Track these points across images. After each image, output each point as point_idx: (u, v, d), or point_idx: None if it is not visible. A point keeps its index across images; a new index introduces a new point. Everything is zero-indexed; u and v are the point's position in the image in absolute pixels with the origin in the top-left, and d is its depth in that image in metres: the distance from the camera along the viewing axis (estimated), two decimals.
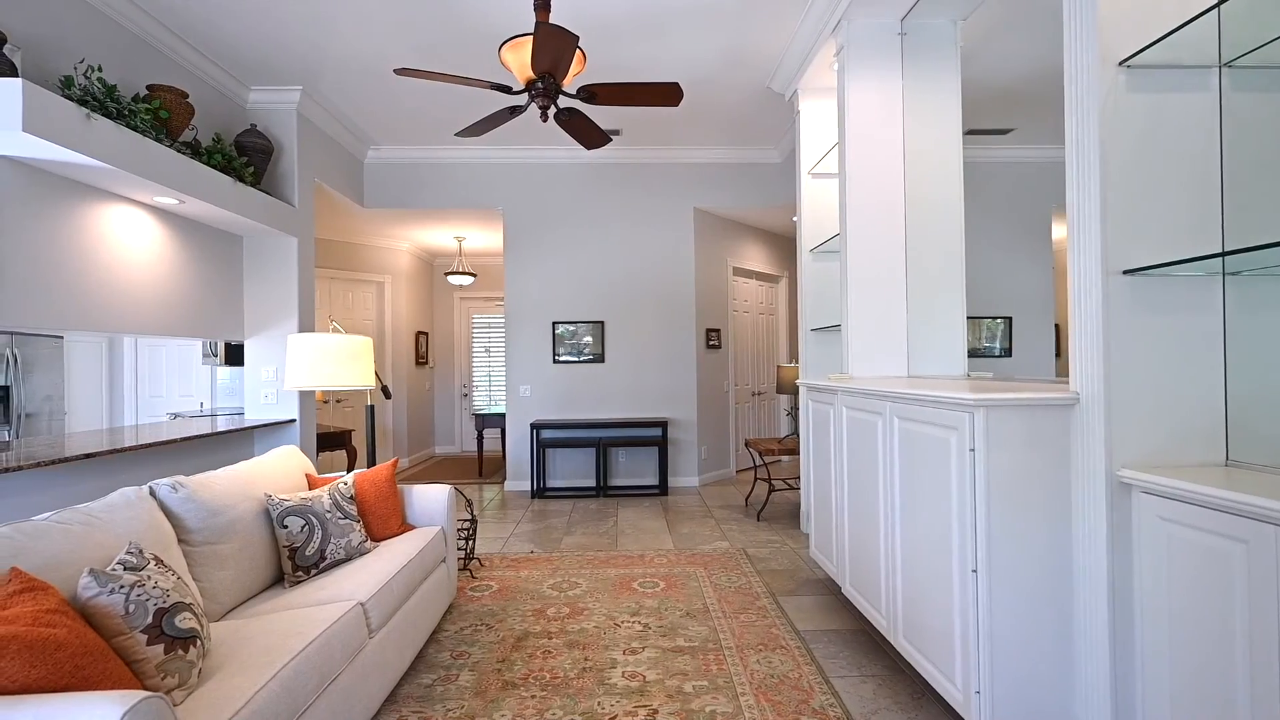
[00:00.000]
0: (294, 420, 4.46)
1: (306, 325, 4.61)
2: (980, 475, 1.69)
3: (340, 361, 2.60)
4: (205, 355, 5.19)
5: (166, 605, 1.46)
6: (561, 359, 5.73)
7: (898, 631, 2.17)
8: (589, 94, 2.51)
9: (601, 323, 5.75)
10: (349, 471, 3.20)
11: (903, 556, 2.13)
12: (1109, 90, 1.63)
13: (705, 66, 4.14)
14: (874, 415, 2.34)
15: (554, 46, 2.04)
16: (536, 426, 5.45)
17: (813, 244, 4.18)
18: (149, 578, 1.48)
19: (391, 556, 2.38)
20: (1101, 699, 1.61)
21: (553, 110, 2.58)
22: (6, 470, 2.38)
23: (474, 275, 7.07)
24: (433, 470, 7.02)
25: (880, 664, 2.35)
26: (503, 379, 8.46)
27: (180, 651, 1.44)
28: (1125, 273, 1.62)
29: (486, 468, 6.86)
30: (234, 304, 4.36)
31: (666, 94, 2.50)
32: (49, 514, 1.65)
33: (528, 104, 2.61)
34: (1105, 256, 1.63)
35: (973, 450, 1.71)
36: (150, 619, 1.41)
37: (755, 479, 5.07)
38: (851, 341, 3.33)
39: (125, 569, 1.49)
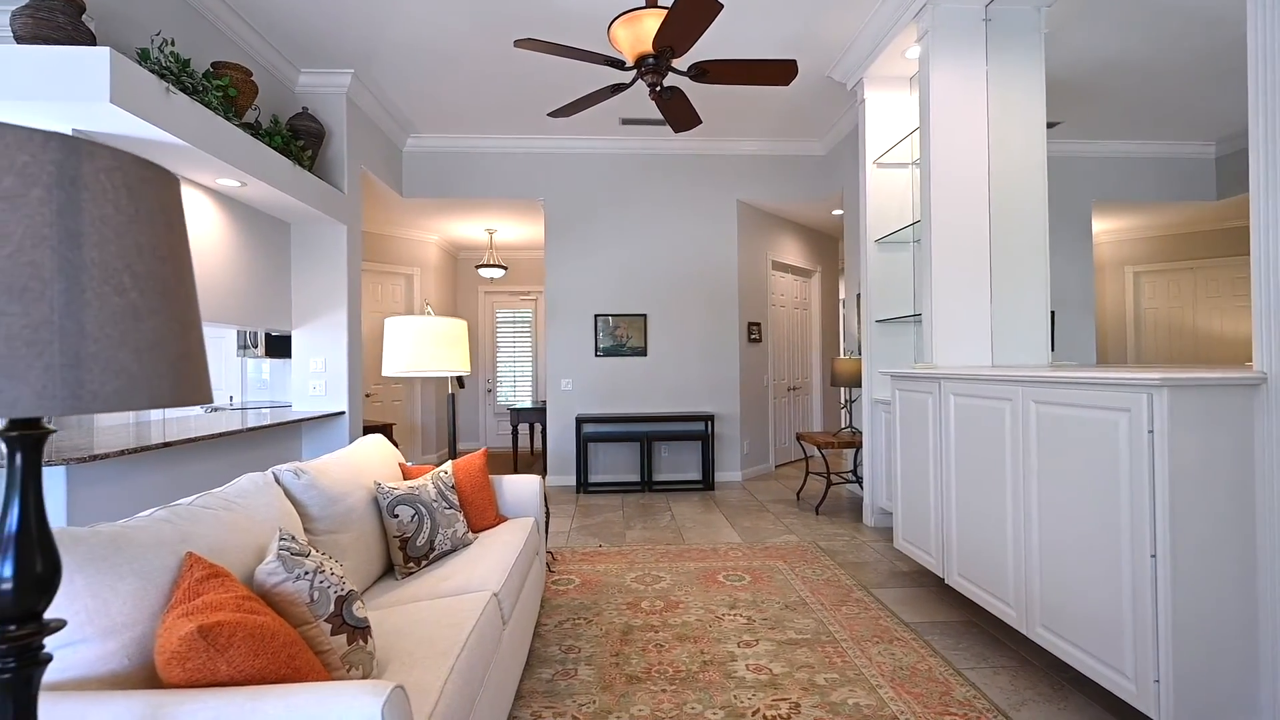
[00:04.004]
0: (343, 412, 4.35)
1: (355, 316, 4.49)
2: (1161, 457, 1.63)
3: (441, 345, 2.51)
4: (242, 346, 5.05)
5: (344, 593, 1.37)
6: (604, 352, 5.65)
7: (1033, 621, 2.12)
8: (699, 71, 2.43)
9: (644, 315, 5.67)
10: None
11: (1041, 544, 2.08)
12: None
13: (768, 53, 4.07)
14: (1000, 401, 2.29)
15: (693, 17, 1.96)
16: (581, 420, 5.36)
17: (878, 234, 4.13)
18: (322, 564, 1.39)
19: (500, 547, 2.30)
20: None
21: (658, 88, 2.50)
22: (95, 458, 2.27)
23: (505, 268, 6.96)
24: None
25: (1005, 655, 2.30)
26: (527, 374, 8.36)
27: (360, 642, 1.35)
28: None
29: (520, 463, 6.76)
30: (282, 293, 4.24)
31: (781, 72, 2.43)
32: (188, 499, 1.55)
33: (632, 81, 2.53)
34: None
35: (1151, 432, 1.65)
36: (332, 607, 1.33)
37: (807, 472, 5.01)
38: (935, 331, 3.28)
39: (293, 555, 1.40)
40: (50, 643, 1.05)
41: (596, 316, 5.66)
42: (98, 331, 0.64)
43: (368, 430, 4.90)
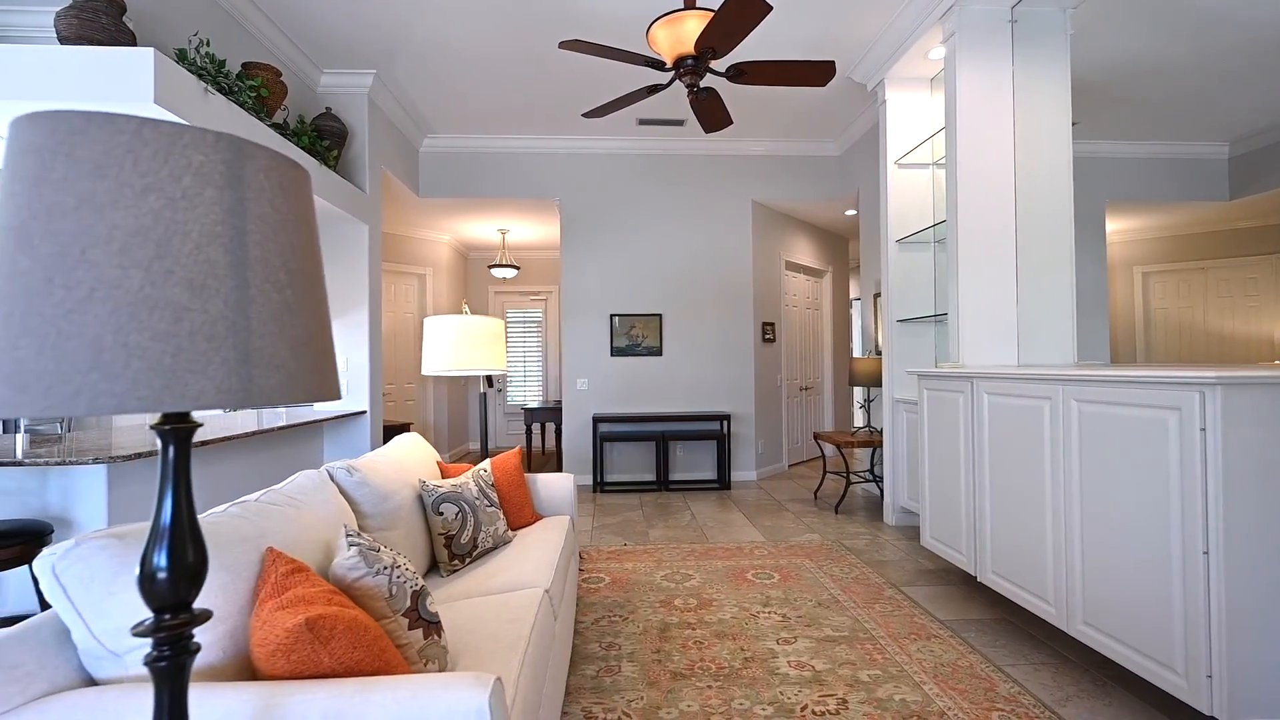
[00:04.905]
0: (365, 412, 4.36)
1: (376, 315, 4.51)
2: (1214, 455, 1.65)
3: (479, 344, 2.52)
4: None
5: (418, 588, 1.39)
6: (619, 352, 5.66)
7: (1075, 618, 2.14)
8: (737, 72, 2.45)
9: (659, 315, 5.69)
10: None
11: (1084, 541, 2.10)
12: None
13: (789, 54, 4.09)
14: (1039, 400, 2.31)
15: (741, 18, 1.98)
16: (598, 420, 5.38)
17: (899, 235, 4.15)
18: (396, 560, 1.40)
19: (542, 545, 2.31)
20: None
21: (695, 89, 2.52)
22: (139, 456, 2.28)
23: (517, 268, 6.97)
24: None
25: (1043, 652, 2.32)
26: (537, 374, 8.38)
27: (435, 637, 1.37)
28: None
29: (533, 462, 6.77)
30: None
31: (819, 72, 2.45)
32: (255, 495, 1.57)
33: (670, 82, 2.55)
34: None
35: (1204, 430, 1.68)
36: (409, 602, 1.34)
37: (824, 472, 5.03)
38: (962, 331, 3.30)
39: (369, 550, 1.41)
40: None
41: (612, 316, 5.67)
42: (261, 327, 0.66)
43: (387, 429, 4.91)
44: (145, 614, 1.05)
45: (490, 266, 6.93)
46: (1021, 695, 2.01)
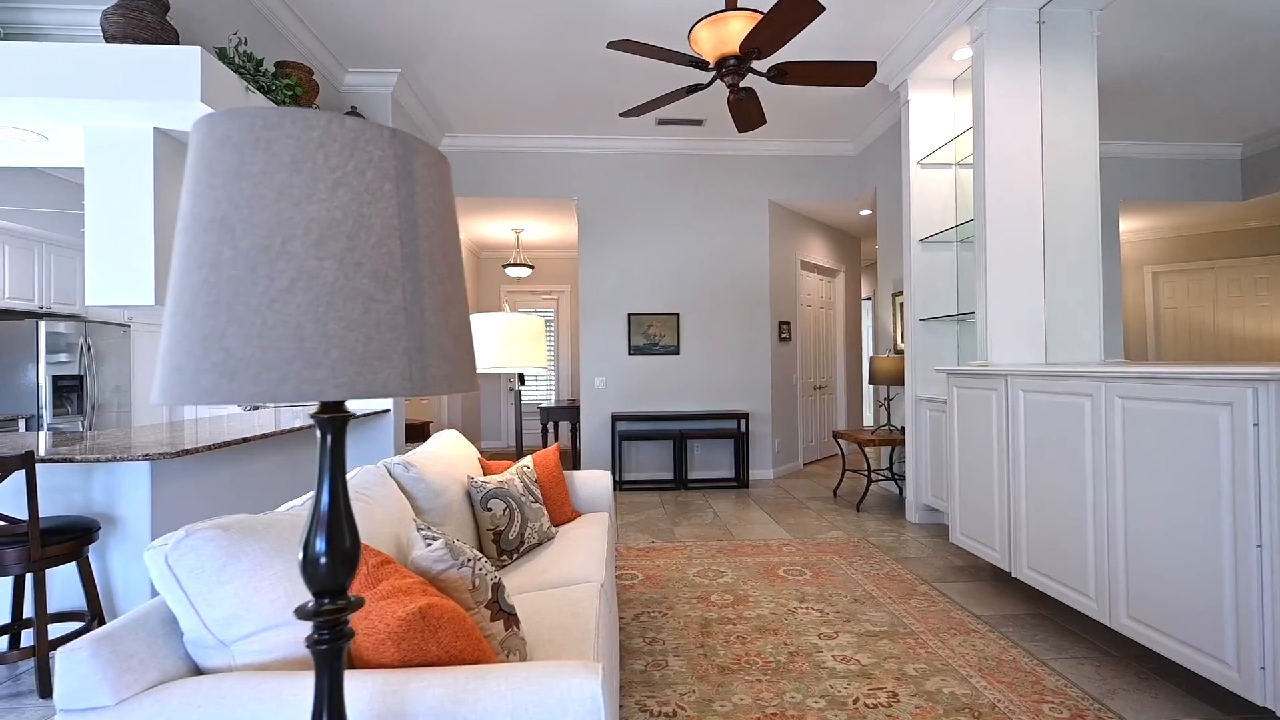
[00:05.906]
0: (388, 410, 4.37)
1: None
2: (1268, 450, 1.68)
3: (523, 341, 2.54)
4: None
5: (496, 581, 1.40)
6: (636, 351, 5.68)
7: (1118, 612, 2.16)
8: (779, 72, 2.47)
9: (677, 314, 5.71)
10: None
11: (1128, 536, 2.12)
12: None
13: (813, 54, 4.12)
14: (1080, 397, 2.33)
15: (791, 19, 2.00)
16: (616, 418, 5.40)
17: (922, 234, 4.17)
18: (475, 554, 1.42)
19: (587, 541, 2.33)
20: None
21: (736, 88, 2.54)
22: (185, 453, 2.29)
23: (532, 267, 6.99)
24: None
25: (1083, 646, 2.34)
26: (549, 373, 8.39)
27: (515, 629, 1.38)
28: None
29: None
30: None
31: (859, 73, 2.47)
32: None
33: (710, 82, 2.57)
34: None
35: (1256, 425, 1.70)
36: (490, 594, 1.36)
37: (844, 470, 5.06)
38: (990, 329, 3.32)
39: (449, 542, 1.43)
40: (252, 627, 1.08)
41: (630, 315, 5.69)
42: (431, 318, 0.67)
43: (408, 428, 4.93)
44: (250, 605, 1.07)
45: (505, 266, 6.94)
46: (1068, 688, 2.04)
